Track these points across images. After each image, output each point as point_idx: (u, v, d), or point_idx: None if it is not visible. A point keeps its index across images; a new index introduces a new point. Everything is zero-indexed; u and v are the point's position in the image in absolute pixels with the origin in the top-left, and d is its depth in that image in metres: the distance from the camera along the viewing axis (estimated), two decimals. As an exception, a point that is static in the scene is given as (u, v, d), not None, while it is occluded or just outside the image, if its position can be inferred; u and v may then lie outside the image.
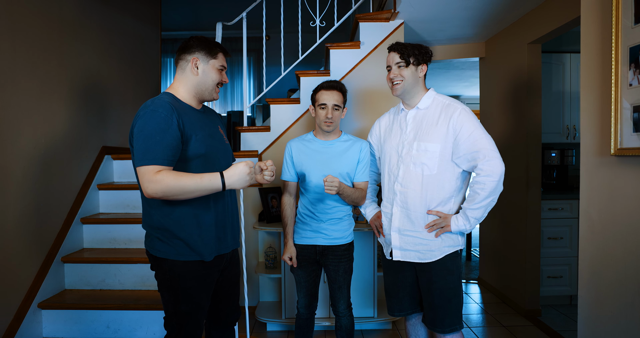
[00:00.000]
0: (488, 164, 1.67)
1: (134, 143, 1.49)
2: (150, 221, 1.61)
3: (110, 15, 3.47)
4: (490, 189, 1.67)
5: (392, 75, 1.82)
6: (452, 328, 1.78)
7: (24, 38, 2.48)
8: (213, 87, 1.68)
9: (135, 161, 1.48)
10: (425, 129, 1.77)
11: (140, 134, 1.46)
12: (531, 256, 3.17)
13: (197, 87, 1.65)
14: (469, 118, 1.72)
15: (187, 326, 1.62)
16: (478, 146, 1.69)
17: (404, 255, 1.82)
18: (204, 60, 1.64)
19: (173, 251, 1.58)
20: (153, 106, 1.49)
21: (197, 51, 1.63)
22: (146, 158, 1.44)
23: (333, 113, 2.05)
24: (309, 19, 3.38)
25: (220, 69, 1.68)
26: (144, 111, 1.49)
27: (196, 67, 1.63)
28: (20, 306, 2.46)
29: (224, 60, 1.69)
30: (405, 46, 1.80)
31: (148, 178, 1.42)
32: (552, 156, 3.67)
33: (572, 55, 3.48)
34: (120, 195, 3.23)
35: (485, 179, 1.67)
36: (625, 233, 1.63)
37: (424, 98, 1.82)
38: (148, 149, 1.44)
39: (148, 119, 1.47)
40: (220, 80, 1.68)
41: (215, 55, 1.65)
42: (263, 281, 3.20)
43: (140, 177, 1.45)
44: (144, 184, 1.43)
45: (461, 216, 1.73)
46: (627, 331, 1.61)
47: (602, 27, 1.72)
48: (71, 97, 2.93)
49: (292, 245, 2.15)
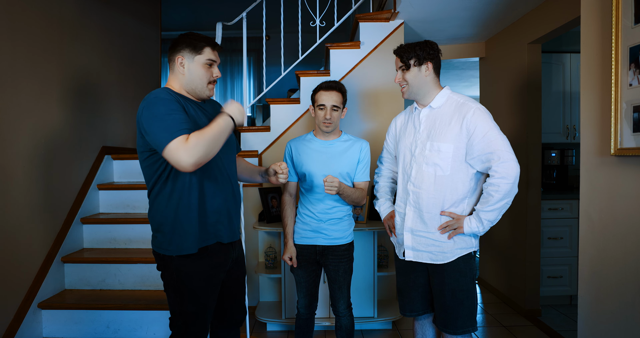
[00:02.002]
0: (503, 166, 1.62)
1: (148, 129, 1.44)
2: (152, 219, 1.62)
3: (110, 15, 3.47)
4: (504, 191, 1.63)
5: (396, 80, 1.80)
6: (464, 331, 1.74)
7: (24, 38, 2.48)
8: (203, 85, 1.62)
9: (159, 143, 1.42)
10: (438, 128, 1.74)
11: (153, 118, 1.44)
12: (531, 256, 3.17)
13: (187, 86, 1.62)
14: (484, 118, 1.67)
15: (193, 326, 1.63)
16: (493, 147, 1.64)
17: (417, 255, 1.79)
18: (189, 57, 1.59)
19: (174, 245, 1.57)
20: (155, 94, 1.50)
21: (182, 48, 1.59)
22: (170, 134, 1.40)
23: (332, 114, 2.05)
24: (309, 19, 3.38)
25: (208, 64, 1.61)
26: (147, 101, 1.49)
27: (182, 66, 1.59)
28: (20, 306, 2.46)
29: (212, 53, 1.61)
30: (406, 48, 1.76)
31: (183, 148, 1.38)
32: (552, 156, 3.67)
33: (572, 55, 3.48)
34: (120, 195, 3.22)
35: (500, 181, 1.62)
36: (625, 233, 1.63)
37: (437, 97, 1.78)
38: (167, 127, 1.41)
39: (156, 104, 1.46)
40: (210, 76, 1.62)
41: (201, 50, 1.59)
42: (263, 281, 3.20)
43: (173, 153, 1.39)
44: (181, 157, 1.38)
45: (474, 218, 1.69)
46: (627, 331, 1.61)
47: (602, 27, 1.72)
48: (71, 97, 2.93)
49: (292, 244, 2.15)
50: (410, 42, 1.79)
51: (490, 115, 1.71)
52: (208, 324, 1.68)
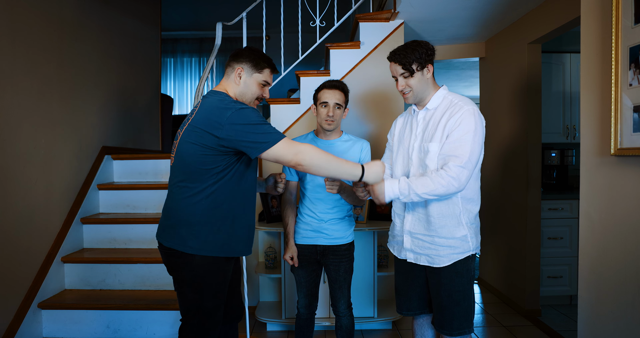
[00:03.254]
0: (459, 170, 1.58)
1: (243, 137, 1.51)
2: (189, 216, 1.60)
3: (110, 15, 3.47)
4: (443, 188, 1.58)
5: (400, 87, 1.75)
6: (461, 332, 1.73)
7: (24, 38, 2.48)
8: (252, 99, 1.72)
9: (259, 147, 1.52)
10: (430, 129, 1.71)
11: (247, 125, 1.51)
12: (531, 256, 3.17)
13: (239, 96, 1.70)
14: (469, 121, 1.61)
15: (208, 324, 1.64)
16: (459, 152, 1.59)
17: (416, 258, 1.78)
18: (249, 72, 1.68)
19: (209, 246, 1.60)
20: (239, 106, 1.56)
21: (244, 61, 1.68)
22: (272, 137, 1.52)
23: (334, 111, 2.05)
24: (309, 19, 3.38)
25: (263, 84, 1.72)
26: (232, 111, 1.53)
27: (239, 77, 1.68)
28: (20, 306, 2.46)
29: (269, 76, 1.73)
30: (405, 53, 1.70)
31: (292, 150, 1.53)
32: (552, 156, 3.67)
33: (572, 55, 3.48)
34: (120, 195, 3.23)
35: (450, 180, 1.57)
36: (625, 233, 1.63)
37: (433, 98, 1.75)
38: (266, 131, 1.52)
39: (246, 112, 1.53)
40: (260, 95, 1.72)
41: (261, 70, 1.70)
42: (263, 281, 3.20)
43: (282, 154, 1.52)
44: (292, 157, 1.52)
45: (404, 182, 1.63)
46: (627, 331, 1.61)
47: (602, 27, 1.72)
48: (71, 97, 2.93)
49: (293, 244, 2.15)
50: (403, 46, 1.74)
51: (480, 120, 1.65)
52: (221, 321, 1.71)
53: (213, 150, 1.55)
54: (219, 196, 1.61)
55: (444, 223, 1.71)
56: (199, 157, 1.57)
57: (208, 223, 1.60)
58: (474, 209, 1.75)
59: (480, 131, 1.63)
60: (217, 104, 1.57)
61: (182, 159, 1.61)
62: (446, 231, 1.71)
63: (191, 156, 1.59)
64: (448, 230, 1.70)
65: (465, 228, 1.71)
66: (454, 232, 1.70)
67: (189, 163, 1.60)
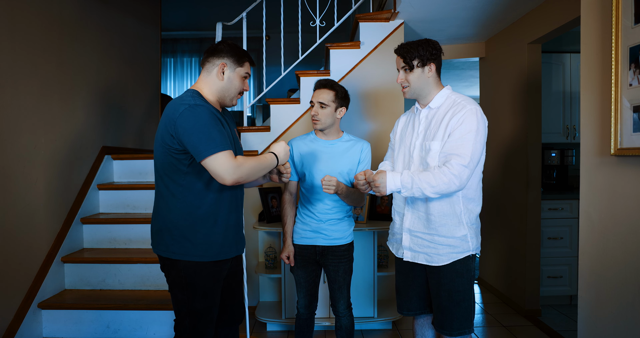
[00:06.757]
0: (461, 168, 1.58)
1: (187, 138, 1.47)
2: (168, 222, 1.61)
3: (110, 15, 3.47)
4: (444, 185, 1.57)
5: (399, 80, 1.77)
6: (461, 332, 1.72)
7: (23, 38, 2.48)
8: (235, 94, 1.71)
9: (200, 152, 1.45)
10: (433, 128, 1.71)
11: (195, 126, 1.47)
12: (531, 256, 3.17)
13: (220, 92, 1.67)
14: (472, 120, 1.61)
15: (200, 325, 1.63)
16: (461, 150, 1.59)
17: (414, 256, 1.78)
18: (231, 67, 1.66)
19: (191, 252, 1.58)
20: (194, 102, 1.52)
21: (226, 56, 1.66)
22: (215, 146, 1.45)
23: (317, 110, 2.05)
24: (309, 19, 3.38)
25: (244, 77, 1.71)
26: (185, 107, 1.49)
27: (222, 73, 1.65)
28: (20, 306, 2.46)
29: (249, 68, 1.72)
30: (409, 48, 1.72)
31: (231, 163, 1.45)
32: (552, 156, 3.67)
33: (572, 55, 3.48)
34: (120, 195, 3.22)
35: (452, 178, 1.57)
36: (625, 233, 1.62)
37: (436, 97, 1.75)
38: (212, 137, 1.46)
39: (198, 113, 1.49)
40: (241, 88, 1.72)
41: (243, 63, 1.69)
42: (263, 281, 3.20)
43: (218, 165, 1.44)
44: (227, 171, 1.44)
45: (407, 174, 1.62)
46: (627, 331, 1.61)
47: (602, 27, 1.72)
48: (71, 97, 2.93)
49: (290, 243, 2.15)
50: (411, 41, 1.75)
51: (483, 120, 1.65)
52: (214, 323, 1.69)
53: (174, 150, 1.53)
54: (192, 199, 1.58)
55: (445, 221, 1.70)
56: (165, 157, 1.57)
57: (186, 227, 1.58)
58: (475, 210, 1.75)
59: (482, 131, 1.64)
60: (175, 101, 1.56)
61: (156, 162, 1.62)
62: (446, 230, 1.70)
63: (159, 157, 1.59)
64: (448, 229, 1.70)
65: (465, 227, 1.71)
66: (454, 231, 1.70)
67: (159, 165, 1.60)
